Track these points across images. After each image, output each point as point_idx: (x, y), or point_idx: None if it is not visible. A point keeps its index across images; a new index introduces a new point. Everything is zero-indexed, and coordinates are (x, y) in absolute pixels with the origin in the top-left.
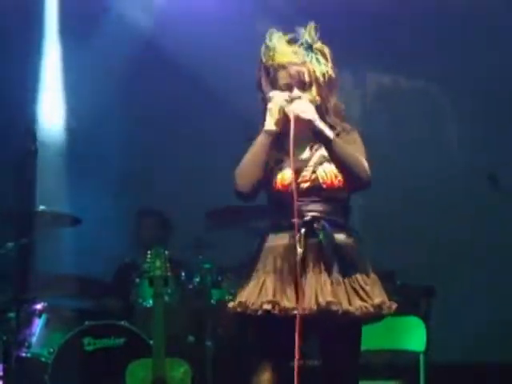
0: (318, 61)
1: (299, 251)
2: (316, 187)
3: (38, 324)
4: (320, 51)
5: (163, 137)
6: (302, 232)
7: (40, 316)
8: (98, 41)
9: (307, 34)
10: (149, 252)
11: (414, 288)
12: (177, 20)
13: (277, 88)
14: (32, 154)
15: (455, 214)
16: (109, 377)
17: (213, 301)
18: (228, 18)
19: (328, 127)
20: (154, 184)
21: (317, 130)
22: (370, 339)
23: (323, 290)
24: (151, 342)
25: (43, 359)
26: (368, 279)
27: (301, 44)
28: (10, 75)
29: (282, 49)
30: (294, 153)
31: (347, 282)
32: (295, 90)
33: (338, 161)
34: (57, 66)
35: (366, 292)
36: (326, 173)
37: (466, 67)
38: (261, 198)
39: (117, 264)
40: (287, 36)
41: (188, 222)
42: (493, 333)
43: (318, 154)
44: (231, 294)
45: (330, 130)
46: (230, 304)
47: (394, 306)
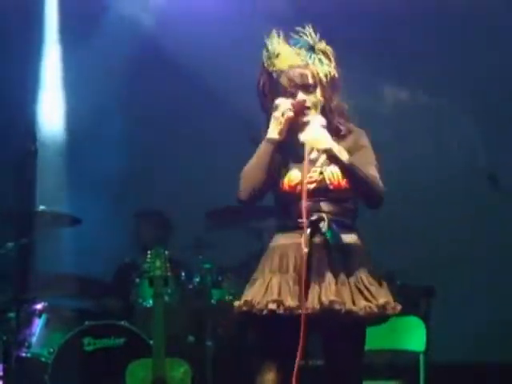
0: (321, 61)
1: (304, 251)
2: (323, 188)
3: (38, 324)
4: (322, 51)
5: (163, 137)
6: (307, 232)
7: (40, 316)
8: (98, 41)
9: (308, 36)
10: (149, 252)
11: (414, 288)
12: (177, 20)
13: (280, 92)
14: (32, 154)
15: (455, 214)
16: (109, 377)
17: (213, 301)
18: (228, 17)
19: (335, 129)
20: (154, 184)
21: (333, 156)
22: (370, 339)
23: (327, 290)
24: (151, 342)
25: (43, 359)
26: (373, 279)
27: (301, 46)
28: (10, 75)
29: (284, 52)
30: (303, 153)
31: (352, 282)
32: (299, 93)
33: (354, 183)
34: (57, 66)
35: (370, 292)
36: (333, 174)
37: (466, 67)
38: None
39: (117, 264)
40: (288, 39)
41: (188, 221)
42: (493, 333)
43: (325, 155)
44: (231, 294)
45: (345, 152)
46: (235, 303)
47: (399, 307)
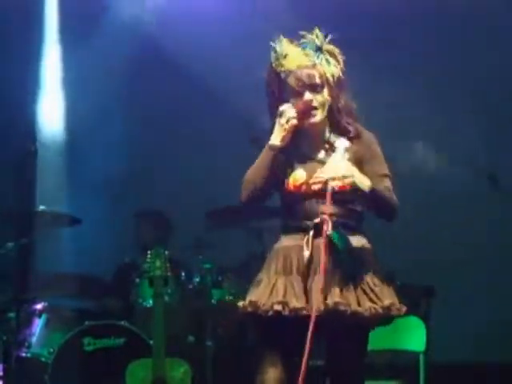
0: (328, 62)
1: (306, 253)
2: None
3: (38, 324)
4: (329, 52)
5: (163, 137)
6: (310, 233)
7: (40, 316)
8: (98, 41)
9: (315, 36)
10: (149, 252)
11: (414, 288)
12: (177, 20)
13: (288, 92)
14: (32, 154)
15: (455, 214)
16: (109, 377)
17: (213, 301)
18: (228, 17)
19: (343, 129)
20: (154, 184)
21: (356, 187)
22: (371, 339)
23: (332, 291)
24: (151, 342)
25: (43, 359)
26: (378, 281)
27: (306, 46)
28: (10, 75)
29: (292, 53)
30: (310, 153)
31: (357, 284)
32: (307, 93)
33: (376, 208)
34: (57, 66)
35: (375, 293)
36: None
37: (466, 67)
38: None
39: (117, 264)
40: (295, 40)
41: (188, 221)
42: (493, 333)
43: (332, 155)
44: (231, 294)
45: (365, 179)
46: (239, 303)
47: (404, 308)
